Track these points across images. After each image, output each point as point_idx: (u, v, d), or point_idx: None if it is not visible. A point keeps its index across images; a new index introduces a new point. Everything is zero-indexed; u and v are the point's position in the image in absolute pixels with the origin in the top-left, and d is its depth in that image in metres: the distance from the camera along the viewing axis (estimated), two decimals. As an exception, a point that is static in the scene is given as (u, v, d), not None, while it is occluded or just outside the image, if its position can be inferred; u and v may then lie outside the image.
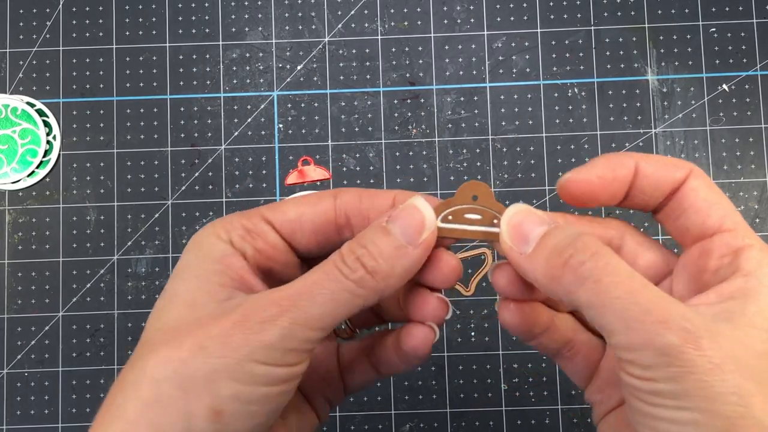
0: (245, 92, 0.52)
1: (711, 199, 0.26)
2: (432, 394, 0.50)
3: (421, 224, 0.25)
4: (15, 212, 0.51)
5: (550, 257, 0.24)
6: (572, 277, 0.23)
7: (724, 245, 0.25)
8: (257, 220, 0.27)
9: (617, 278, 0.23)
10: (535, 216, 0.25)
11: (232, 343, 0.23)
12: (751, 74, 0.52)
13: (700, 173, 0.26)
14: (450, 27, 0.52)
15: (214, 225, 0.26)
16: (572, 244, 0.24)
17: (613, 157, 0.26)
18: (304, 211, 0.27)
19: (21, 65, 0.52)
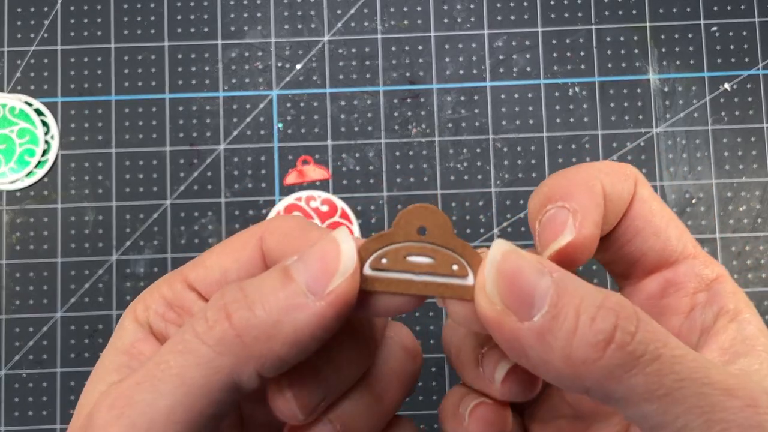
0: (244, 92, 0.52)
1: (665, 215, 0.20)
2: (432, 395, 0.49)
3: (333, 268, 0.17)
4: (13, 212, 0.51)
5: (576, 330, 0.16)
6: (620, 359, 0.16)
7: (694, 277, 0.20)
8: (180, 286, 0.21)
9: (679, 351, 0.16)
10: (531, 263, 0.17)
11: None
12: (753, 73, 0.51)
13: (642, 177, 0.21)
14: (450, 26, 0.52)
15: (136, 302, 0.22)
16: (605, 306, 0.16)
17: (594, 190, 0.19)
18: (229, 267, 0.21)
19: (19, 64, 0.52)
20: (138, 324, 0.21)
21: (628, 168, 0.20)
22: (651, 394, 0.16)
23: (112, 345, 0.21)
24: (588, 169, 0.19)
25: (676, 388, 0.15)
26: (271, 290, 0.17)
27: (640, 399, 0.16)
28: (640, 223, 0.20)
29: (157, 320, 0.21)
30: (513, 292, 0.16)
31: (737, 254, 0.50)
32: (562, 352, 0.16)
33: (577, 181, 0.19)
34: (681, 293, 0.20)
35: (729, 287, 0.19)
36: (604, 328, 0.16)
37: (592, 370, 0.16)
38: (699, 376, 0.15)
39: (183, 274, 0.21)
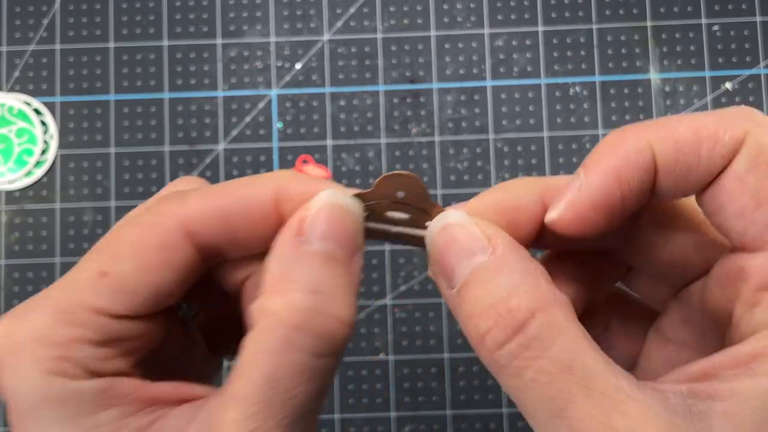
0: (244, 91, 0.52)
1: (761, 195, 0.17)
2: (432, 396, 0.49)
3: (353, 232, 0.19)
4: (11, 212, 0.51)
5: (470, 317, 0.17)
6: (489, 361, 0.17)
7: (764, 273, 0.17)
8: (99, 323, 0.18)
9: (543, 377, 0.16)
10: (467, 238, 0.18)
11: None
12: (754, 73, 0.51)
13: (754, 142, 0.17)
14: (450, 25, 0.52)
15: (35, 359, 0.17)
16: (495, 306, 0.17)
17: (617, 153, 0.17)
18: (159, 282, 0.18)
19: (17, 64, 0.52)
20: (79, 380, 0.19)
21: (731, 130, 0.17)
22: (514, 401, 0.17)
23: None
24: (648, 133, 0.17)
25: (532, 408, 0.16)
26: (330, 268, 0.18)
27: (515, 402, 0.17)
28: (725, 198, 0.17)
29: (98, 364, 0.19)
30: (440, 264, 0.18)
31: (739, 254, 0.50)
32: (463, 326, 0.18)
33: (619, 147, 0.17)
34: (747, 284, 0.17)
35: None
36: (480, 328, 0.17)
37: (479, 356, 0.18)
38: (555, 406, 0.16)
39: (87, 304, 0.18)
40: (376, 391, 0.49)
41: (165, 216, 0.18)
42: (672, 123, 0.17)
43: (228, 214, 0.18)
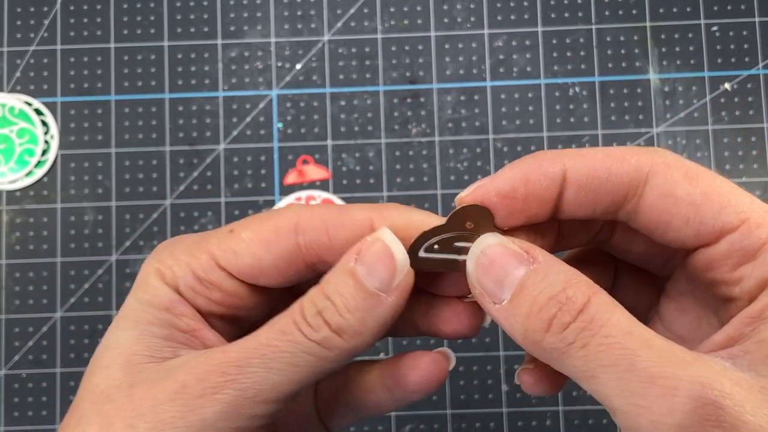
0: (244, 91, 0.52)
1: (694, 199, 0.19)
2: (432, 395, 0.49)
3: (393, 264, 0.20)
4: (12, 212, 0.51)
5: (530, 316, 0.19)
6: (555, 342, 0.19)
7: (735, 252, 0.19)
8: (207, 264, 0.22)
9: (610, 339, 0.18)
10: (512, 252, 0.20)
11: (166, 421, 0.19)
12: (753, 73, 0.51)
13: (662, 165, 0.19)
14: (450, 25, 0.52)
15: (161, 260, 0.22)
16: (556, 297, 0.19)
17: (531, 162, 0.20)
18: (262, 257, 0.22)
19: (18, 64, 0.52)
20: (167, 285, 0.22)
21: (635, 157, 0.20)
22: (582, 375, 0.18)
23: (141, 299, 0.22)
24: (567, 156, 0.20)
25: (602, 373, 0.18)
26: (351, 297, 0.20)
27: (578, 378, 0.19)
28: (659, 214, 0.20)
29: (186, 290, 0.22)
30: (485, 282, 0.20)
31: (737, 254, 0.50)
32: (519, 331, 0.19)
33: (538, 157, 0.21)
34: (722, 270, 0.20)
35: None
36: (545, 317, 0.19)
37: (539, 350, 0.19)
38: (623, 363, 0.17)
39: (210, 252, 0.22)
40: (376, 391, 0.49)
41: (284, 211, 0.22)
42: (586, 149, 0.20)
43: (330, 223, 0.22)
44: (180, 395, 0.19)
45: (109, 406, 0.20)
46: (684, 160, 0.20)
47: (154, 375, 0.20)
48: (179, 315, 0.22)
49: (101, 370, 0.21)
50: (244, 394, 0.19)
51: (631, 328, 0.18)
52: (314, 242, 0.22)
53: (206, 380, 0.19)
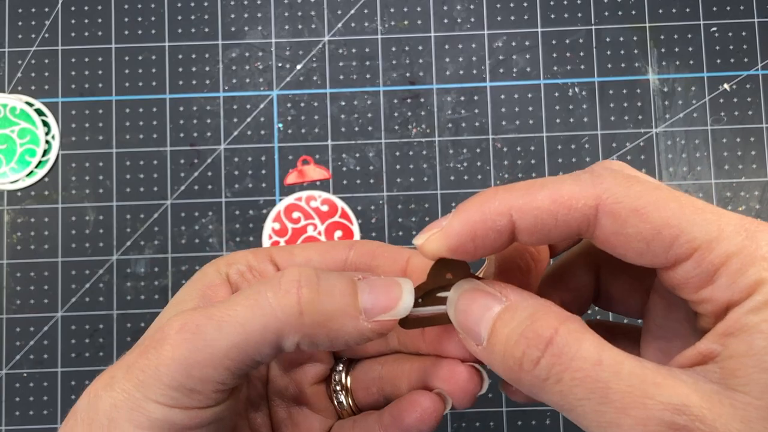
0: (245, 92, 0.52)
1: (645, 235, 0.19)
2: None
3: (391, 306, 0.22)
4: (13, 212, 0.51)
5: (504, 354, 0.20)
6: (531, 379, 0.19)
7: (694, 276, 0.19)
8: (263, 259, 0.25)
9: (580, 373, 0.18)
10: (483, 296, 0.21)
11: (133, 375, 0.20)
12: (752, 74, 0.51)
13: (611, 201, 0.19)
14: (450, 26, 0.52)
15: (222, 258, 0.25)
16: (524, 333, 0.19)
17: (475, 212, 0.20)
18: (312, 258, 0.24)
19: (20, 65, 0.52)
20: (218, 273, 0.24)
21: (582, 201, 0.19)
22: (562, 408, 0.19)
23: (191, 284, 0.24)
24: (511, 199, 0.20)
25: (578, 406, 0.18)
26: (339, 293, 0.21)
27: (560, 410, 0.19)
28: (614, 248, 0.20)
29: (236, 275, 0.24)
30: (466, 326, 0.21)
31: (736, 254, 0.50)
32: (499, 370, 0.20)
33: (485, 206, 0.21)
34: (686, 291, 0.20)
35: (736, 266, 0.18)
36: (517, 355, 0.19)
37: (522, 386, 0.20)
38: (597, 395, 0.18)
39: (269, 252, 0.25)
40: (376, 390, 0.50)
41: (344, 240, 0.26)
42: (533, 190, 0.20)
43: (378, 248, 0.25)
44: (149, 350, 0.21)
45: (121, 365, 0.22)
46: (632, 189, 0.19)
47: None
48: (213, 296, 0.23)
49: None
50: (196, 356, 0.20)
51: (601, 356, 0.18)
52: (360, 259, 0.25)
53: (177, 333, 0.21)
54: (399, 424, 0.24)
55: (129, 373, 0.20)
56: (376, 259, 0.24)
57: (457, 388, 0.24)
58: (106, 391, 0.20)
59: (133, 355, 0.21)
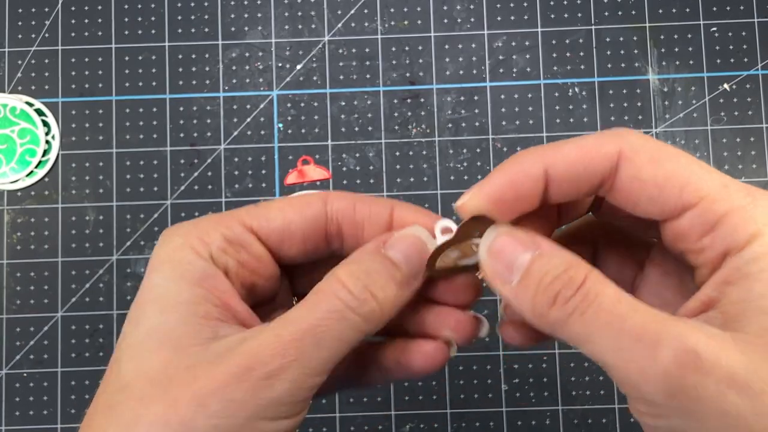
0: (245, 92, 0.52)
1: (658, 180, 0.21)
2: (432, 394, 0.49)
3: (421, 259, 0.24)
4: (13, 212, 0.51)
5: (537, 294, 0.21)
6: (558, 314, 0.21)
7: (697, 225, 0.21)
8: (239, 230, 0.24)
9: (603, 307, 0.20)
10: (519, 240, 0.23)
11: (236, 401, 0.20)
12: (752, 74, 0.51)
13: (632, 148, 0.22)
14: (450, 26, 0.52)
15: (188, 234, 0.23)
16: (560, 277, 0.21)
17: (513, 166, 0.23)
18: (293, 219, 0.24)
19: (20, 65, 0.52)
20: (199, 257, 0.23)
21: (605, 148, 0.22)
22: (581, 339, 0.21)
23: (174, 276, 0.23)
24: (546, 154, 0.23)
25: (597, 336, 0.20)
26: (389, 276, 0.23)
27: (578, 342, 0.21)
28: (629, 195, 0.22)
29: (219, 254, 0.23)
30: (497, 266, 0.23)
31: (736, 254, 0.50)
32: (527, 306, 0.22)
33: (520, 159, 0.23)
34: (687, 241, 0.22)
35: (737, 219, 0.20)
36: (551, 294, 0.21)
37: (544, 322, 0.22)
38: (614, 325, 0.20)
39: (240, 219, 0.24)
40: (376, 390, 0.50)
41: (312, 192, 0.25)
42: (562, 144, 0.23)
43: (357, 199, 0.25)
44: (247, 377, 0.21)
45: (172, 386, 0.21)
46: (650, 143, 0.22)
47: (207, 357, 0.21)
48: (212, 289, 0.23)
49: (152, 354, 0.21)
50: (304, 371, 0.21)
51: (621, 297, 0.21)
52: (340, 212, 0.25)
53: (270, 363, 0.21)
54: (407, 369, 0.26)
55: (230, 401, 0.20)
56: (358, 213, 0.25)
57: (464, 333, 0.25)
58: (202, 419, 0.20)
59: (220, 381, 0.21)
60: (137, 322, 0.22)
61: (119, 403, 0.21)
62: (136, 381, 0.21)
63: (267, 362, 0.21)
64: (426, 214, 0.26)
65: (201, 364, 0.21)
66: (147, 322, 0.22)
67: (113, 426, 0.20)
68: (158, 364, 0.21)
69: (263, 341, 0.21)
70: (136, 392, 0.21)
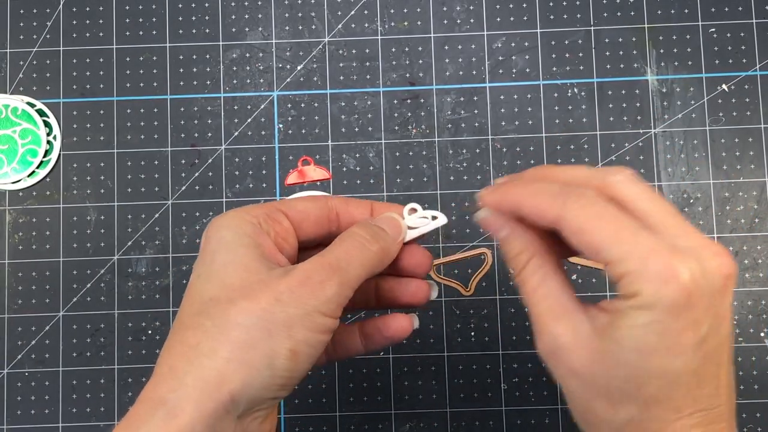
0: (245, 92, 0.52)
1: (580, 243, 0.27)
2: (432, 394, 0.50)
3: (401, 230, 0.33)
4: (15, 212, 0.51)
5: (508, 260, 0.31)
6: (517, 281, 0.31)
7: (609, 275, 0.27)
8: (274, 210, 0.32)
9: (526, 291, 0.30)
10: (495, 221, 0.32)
11: (302, 297, 0.27)
12: (751, 74, 0.52)
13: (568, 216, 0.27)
14: (450, 27, 0.53)
15: (237, 212, 0.31)
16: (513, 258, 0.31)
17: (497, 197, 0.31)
18: (308, 206, 0.33)
19: (21, 65, 0.52)
20: (253, 224, 0.30)
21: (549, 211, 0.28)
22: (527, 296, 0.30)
23: (235, 232, 0.30)
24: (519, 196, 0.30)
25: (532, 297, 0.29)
26: (383, 233, 0.31)
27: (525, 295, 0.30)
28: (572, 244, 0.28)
29: (263, 222, 0.31)
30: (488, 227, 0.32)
31: (735, 254, 0.50)
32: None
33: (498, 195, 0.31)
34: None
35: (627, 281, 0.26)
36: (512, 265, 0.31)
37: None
38: (530, 308, 0.29)
39: (273, 205, 0.32)
40: (376, 389, 0.50)
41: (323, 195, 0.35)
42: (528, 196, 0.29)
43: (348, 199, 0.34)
44: (307, 282, 0.28)
45: (250, 290, 0.28)
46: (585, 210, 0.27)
47: (275, 274, 0.28)
48: (262, 242, 0.30)
49: (232, 274, 0.28)
50: (342, 281, 0.29)
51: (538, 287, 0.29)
52: (337, 205, 0.33)
53: (321, 273, 0.28)
54: (382, 334, 0.34)
55: (297, 297, 0.27)
56: (350, 204, 0.33)
57: (423, 296, 0.34)
58: (279, 307, 0.27)
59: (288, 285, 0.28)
60: (211, 260, 0.29)
61: (210, 308, 0.28)
62: (222, 291, 0.28)
63: (319, 273, 0.28)
64: (395, 205, 0.34)
65: (270, 278, 0.28)
66: (221, 258, 0.29)
67: (210, 321, 0.27)
68: (238, 280, 0.28)
69: (312, 262, 0.29)
70: (223, 298, 0.28)
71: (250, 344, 0.27)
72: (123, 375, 0.50)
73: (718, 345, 0.26)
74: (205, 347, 0.27)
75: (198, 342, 0.27)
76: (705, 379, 0.26)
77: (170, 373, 0.27)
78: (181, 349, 0.27)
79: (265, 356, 0.27)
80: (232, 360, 0.26)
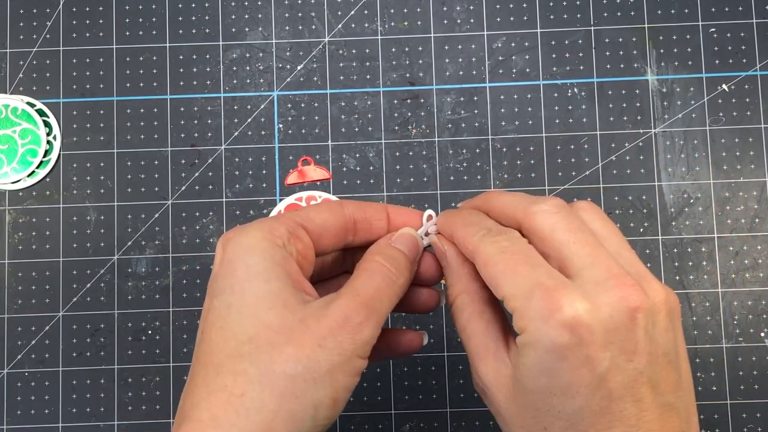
0: (245, 92, 0.52)
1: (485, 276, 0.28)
2: (432, 393, 0.50)
3: (419, 250, 0.33)
4: (15, 212, 0.51)
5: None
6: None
7: (508, 309, 0.27)
8: (294, 226, 0.30)
9: (458, 324, 0.31)
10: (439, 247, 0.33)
11: (343, 343, 0.27)
12: (751, 74, 0.52)
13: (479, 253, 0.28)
14: (450, 27, 0.53)
15: (262, 229, 0.29)
16: (449, 287, 0.32)
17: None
18: (327, 218, 0.32)
19: (21, 65, 0.52)
20: (279, 247, 0.29)
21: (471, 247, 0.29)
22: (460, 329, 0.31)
23: (272, 259, 0.29)
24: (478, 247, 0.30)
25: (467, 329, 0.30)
26: (404, 258, 0.31)
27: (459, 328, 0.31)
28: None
29: (287, 243, 0.30)
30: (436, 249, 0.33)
31: (735, 254, 0.50)
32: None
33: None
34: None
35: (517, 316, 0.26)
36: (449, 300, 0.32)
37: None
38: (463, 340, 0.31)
39: (293, 218, 0.31)
40: (376, 389, 0.50)
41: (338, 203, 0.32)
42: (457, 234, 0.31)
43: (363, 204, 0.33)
44: (346, 325, 0.27)
45: (294, 334, 0.27)
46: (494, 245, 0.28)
47: (311, 311, 0.27)
48: (290, 268, 0.29)
49: (269, 311, 0.27)
50: (379, 320, 0.28)
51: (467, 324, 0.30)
52: (354, 213, 0.32)
53: (360, 314, 0.28)
54: (392, 350, 0.33)
55: (338, 342, 0.27)
56: (366, 212, 0.32)
57: (434, 304, 0.34)
58: (323, 355, 0.26)
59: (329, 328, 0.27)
60: (242, 290, 0.28)
61: (251, 351, 0.26)
62: (262, 332, 0.27)
63: (358, 313, 0.28)
64: (411, 210, 0.34)
65: (309, 317, 0.27)
66: (254, 290, 0.28)
67: (253, 367, 0.26)
68: (276, 318, 0.27)
69: (349, 301, 0.28)
70: (264, 341, 0.27)
71: (296, 395, 0.26)
72: (123, 375, 0.50)
73: (631, 381, 0.25)
74: (253, 398, 0.26)
75: (243, 392, 0.26)
76: (616, 419, 0.25)
77: (213, 423, 0.26)
78: (226, 398, 0.26)
79: (310, 407, 0.26)
80: (279, 413, 0.26)
